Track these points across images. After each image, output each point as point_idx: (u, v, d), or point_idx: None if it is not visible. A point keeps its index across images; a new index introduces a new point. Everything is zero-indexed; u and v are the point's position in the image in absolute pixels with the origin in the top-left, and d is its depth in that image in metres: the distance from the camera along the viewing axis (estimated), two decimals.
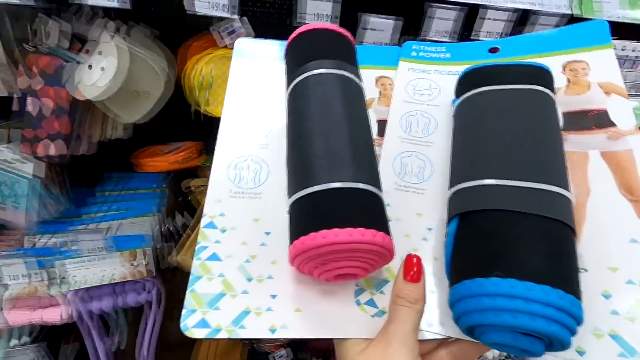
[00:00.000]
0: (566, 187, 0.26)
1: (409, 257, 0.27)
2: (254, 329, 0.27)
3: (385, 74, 0.41)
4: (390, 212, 0.32)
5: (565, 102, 0.34)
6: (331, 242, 0.24)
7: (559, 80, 0.34)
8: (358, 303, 0.29)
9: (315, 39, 0.34)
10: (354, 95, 0.32)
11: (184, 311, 0.28)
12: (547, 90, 0.29)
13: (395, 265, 0.28)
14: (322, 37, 0.34)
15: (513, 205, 0.24)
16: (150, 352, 0.72)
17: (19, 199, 0.64)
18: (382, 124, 0.39)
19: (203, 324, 0.27)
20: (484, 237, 0.25)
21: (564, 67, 0.35)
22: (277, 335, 0.27)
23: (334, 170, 0.27)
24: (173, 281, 0.75)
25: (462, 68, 0.35)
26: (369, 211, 0.26)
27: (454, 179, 0.30)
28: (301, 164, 0.28)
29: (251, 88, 0.40)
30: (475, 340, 0.25)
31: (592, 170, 0.30)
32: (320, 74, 0.31)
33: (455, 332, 0.26)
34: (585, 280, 0.25)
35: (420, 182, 0.34)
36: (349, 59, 0.34)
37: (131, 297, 0.68)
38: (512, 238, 0.23)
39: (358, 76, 0.34)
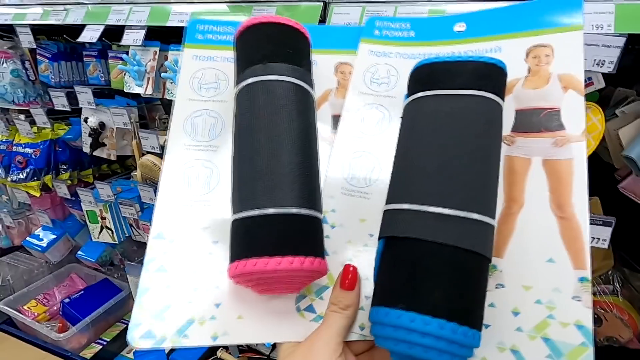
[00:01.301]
0: (489, 214, 0.26)
1: (346, 267, 0.30)
2: (197, 338, 0.29)
3: (346, 59, 0.38)
4: (335, 218, 0.33)
5: (521, 97, 0.32)
6: (261, 271, 0.26)
7: (520, 68, 0.32)
8: (298, 309, 0.31)
9: (267, 34, 0.31)
10: (301, 107, 0.31)
11: (130, 323, 0.29)
12: (494, 97, 0.28)
13: (336, 271, 0.30)
14: (274, 32, 0.32)
15: (429, 235, 0.25)
16: None
17: None
18: (337, 119, 0.36)
19: (148, 335, 0.28)
20: (399, 265, 0.26)
21: (528, 54, 0.33)
22: (219, 342, 0.29)
23: (271, 194, 0.27)
24: None
25: (425, 50, 0.34)
26: (302, 236, 0.28)
27: (387, 196, 0.30)
28: (242, 182, 0.29)
29: (203, 82, 0.37)
30: None
31: (531, 180, 0.30)
32: (269, 80, 0.30)
33: None
34: (500, 296, 0.28)
35: (367, 185, 0.34)
36: (301, 60, 0.32)
37: None
38: (423, 270, 0.25)
39: (309, 82, 0.32)
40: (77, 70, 1.06)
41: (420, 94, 0.30)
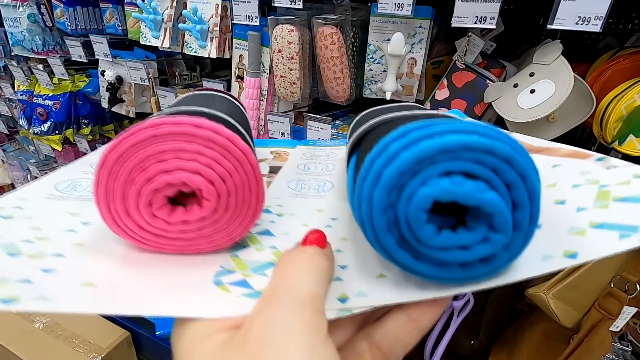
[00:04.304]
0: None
1: (310, 230, 0.20)
2: None
3: (278, 149, 0.43)
4: (282, 209, 0.28)
5: None
6: (151, 125, 0.19)
7: None
8: (218, 283, 0.20)
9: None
10: (231, 101, 0.32)
11: None
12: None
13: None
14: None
15: (395, 118, 0.25)
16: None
17: None
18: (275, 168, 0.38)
19: None
20: (375, 134, 0.24)
21: None
22: (11, 307, 0.17)
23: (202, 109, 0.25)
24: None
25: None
26: (215, 117, 0.23)
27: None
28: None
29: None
30: (403, 302, 0.18)
31: None
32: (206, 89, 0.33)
33: (377, 297, 0.19)
34: None
35: (320, 192, 0.31)
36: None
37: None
38: (402, 119, 0.24)
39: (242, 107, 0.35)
40: (94, 17, 0.98)
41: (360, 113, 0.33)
